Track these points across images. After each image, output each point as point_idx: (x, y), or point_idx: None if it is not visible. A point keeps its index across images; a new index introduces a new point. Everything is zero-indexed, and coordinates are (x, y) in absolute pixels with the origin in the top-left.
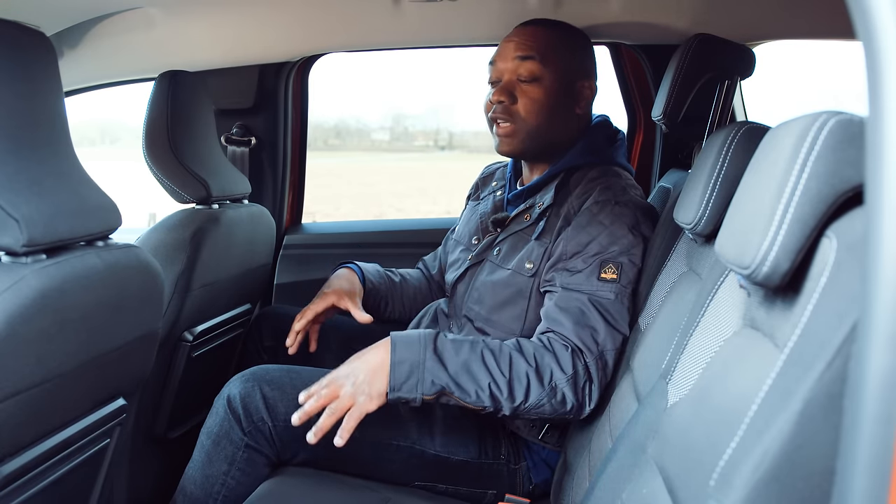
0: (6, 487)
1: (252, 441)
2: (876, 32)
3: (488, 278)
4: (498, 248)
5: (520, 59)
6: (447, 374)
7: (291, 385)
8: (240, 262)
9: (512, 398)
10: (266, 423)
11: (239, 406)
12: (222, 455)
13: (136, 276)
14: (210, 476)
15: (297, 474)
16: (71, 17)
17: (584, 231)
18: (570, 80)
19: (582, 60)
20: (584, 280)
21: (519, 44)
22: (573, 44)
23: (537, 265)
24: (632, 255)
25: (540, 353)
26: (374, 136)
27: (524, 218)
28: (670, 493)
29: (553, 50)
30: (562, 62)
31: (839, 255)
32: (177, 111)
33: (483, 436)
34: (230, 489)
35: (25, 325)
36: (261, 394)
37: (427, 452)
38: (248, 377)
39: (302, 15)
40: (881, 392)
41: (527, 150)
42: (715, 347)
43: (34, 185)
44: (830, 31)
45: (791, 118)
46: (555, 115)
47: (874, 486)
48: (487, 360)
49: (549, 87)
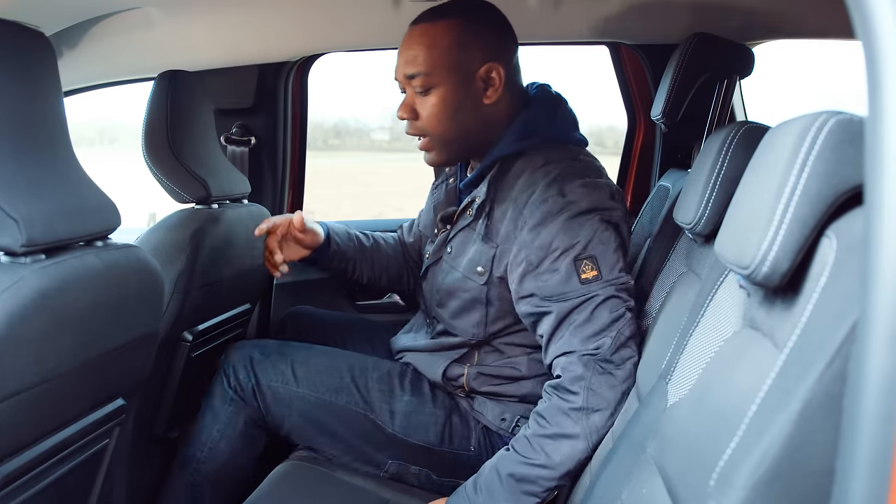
0: (6, 487)
1: (237, 396)
2: (876, 32)
3: (444, 282)
4: (450, 245)
5: (407, 78)
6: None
7: (279, 353)
8: (240, 262)
9: (570, 449)
10: (250, 381)
11: (230, 366)
12: (211, 410)
13: (135, 277)
14: (199, 429)
15: (297, 473)
16: (70, 17)
17: (541, 233)
18: (469, 75)
19: (480, 46)
20: (564, 285)
21: (406, 59)
22: (461, 34)
23: (487, 270)
24: (601, 239)
25: (553, 407)
26: (373, 136)
27: (467, 213)
28: (670, 493)
29: (441, 51)
30: (454, 60)
31: (839, 255)
32: (176, 111)
33: (449, 424)
34: (214, 441)
35: (25, 325)
36: (249, 357)
37: (385, 430)
38: (246, 343)
39: (301, 15)
40: (881, 392)
41: (452, 157)
42: (715, 347)
43: (33, 186)
44: (830, 31)
45: (791, 118)
46: (461, 117)
47: (874, 486)
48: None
49: (444, 93)
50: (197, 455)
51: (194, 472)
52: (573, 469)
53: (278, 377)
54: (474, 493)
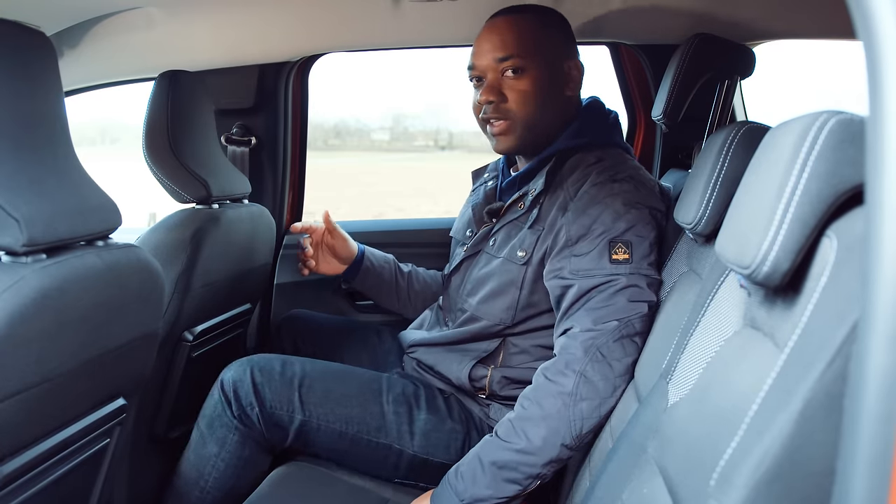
0: (6, 487)
1: (242, 425)
2: (876, 32)
3: (481, 272)
4: (494, 238)
5: (499, 61)
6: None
7: (280, 372)
8: (240, 262)
9: (554, 437)
10: (254, 408)
11: (230, 390)
12: (214, 437)
13: (136, 276)
14: (202, 457)
15: (296, 473)
16: (71, 17)
17: (585, 213)
18: (555, 64)
19: (562, 41)
20: (594, 263)
21: (495, 44)
22: (550, 26)
23: (529, 253)
24: (639, 231)
25: (541, 389)
26: (374, 136)
27: (518, 206)
28: (670, 493)
29: (531, 38)
30: (543, 48)
31: (839, 255)
32: (177, 111)
33: (468, 439)
34: (220, 471)
35: (25, 324)
36: (251, 378)
37: (405, 452)
38: (244, 363)
39: (302, 15)
40: (881, 392)
41: (526, 144)
42: (715, 347)
43: (34, 185)
44: (830, 31)
45: (791, 118)
46: (547, 103)
47: (874, 486)
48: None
49: (536, 77)
50: (201, 484)
51: (199, 501)
52: (555, 458)
53: (284, 404)
54: (456, 479)
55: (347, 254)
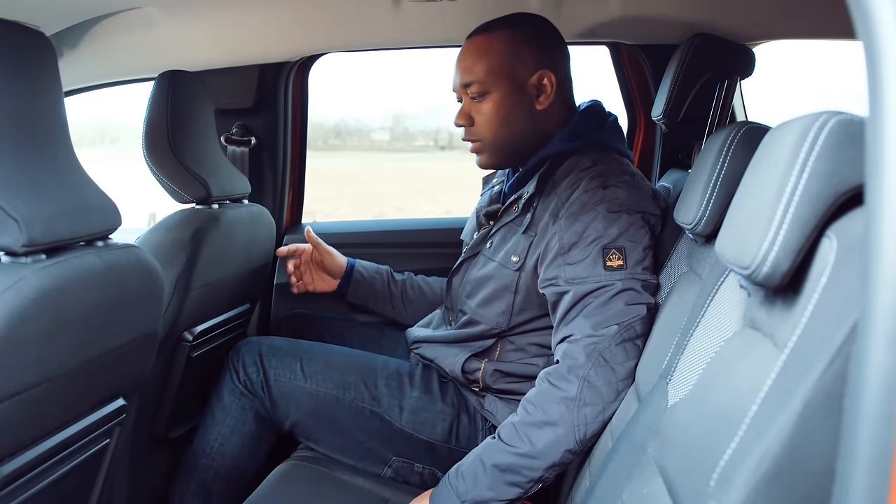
0: (6, 487)
1: (247, 391)
2: (876, 32)
3: (478, 273)
4: (491, 240)
5: (464, 87)
6: (487, 489)
7: (288, 348)
8: (240, 262)
9: (556, 444)
10: (259, 376)
11: (239, 361)
12: (220, 405)
13: (135, 276)
14: (209, 425)
15: (297, 473)
16: (71, 17)
17: (577, 220)
18: (519, 83)
19: (537, 54)
20: (589, 271)
21: (461, 70)
22: (524, 41)
23: (522, 258)
24: (632, 236)
25: (545, 394)
26: (374, 136)
27: (513, 209)
28: (670, 493)
29: (496, 61)
30: (507, 68)
31: (839, 256)
32: (177, 111)
33: (457, 421)
34: (225, 437)
35: (25, 325)
36: (258, 352)
37: (394, 425)
38: (254, 339)
39: (302, 15)
40: (881, 392)
41: (503, 160)
42: (715, 347)
43: (34, 185)
44: (830, 31)
45: (791, 118)
46: (515, 121)
47: (874, 486)
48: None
49: (498, 99)
50: (207, 451)
51: (205, 469)
52: (558, 462)
53: (286, 372)
54: (457, 479)
55: (336, 267)
